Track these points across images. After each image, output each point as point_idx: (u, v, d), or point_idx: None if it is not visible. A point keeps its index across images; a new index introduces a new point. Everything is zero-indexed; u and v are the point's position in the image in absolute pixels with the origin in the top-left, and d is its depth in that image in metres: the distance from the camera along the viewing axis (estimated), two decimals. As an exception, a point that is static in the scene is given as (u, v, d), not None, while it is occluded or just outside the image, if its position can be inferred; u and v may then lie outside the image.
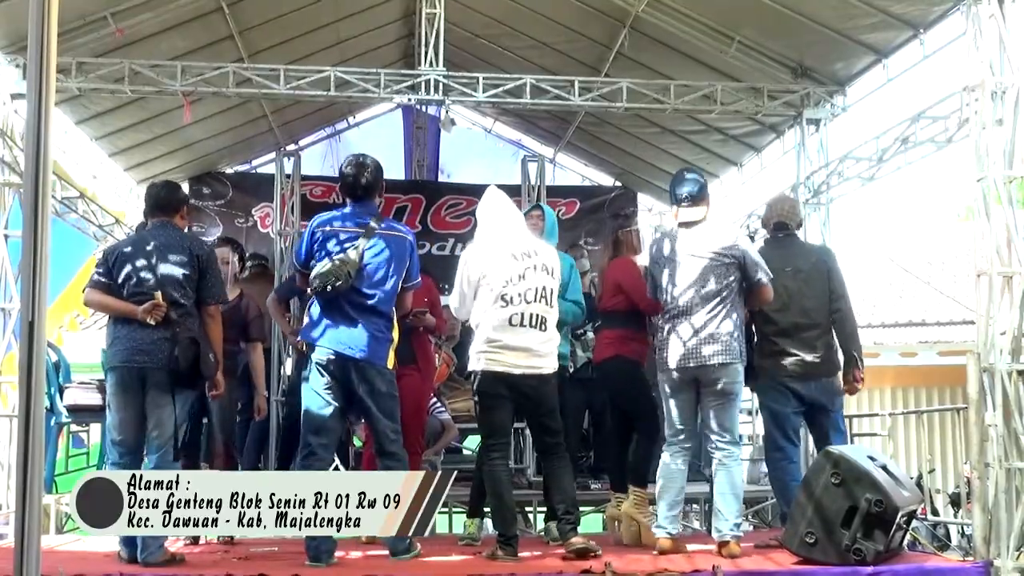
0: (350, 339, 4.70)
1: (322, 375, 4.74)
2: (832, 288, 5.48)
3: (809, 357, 5.35)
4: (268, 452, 7.53)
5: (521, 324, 4.79)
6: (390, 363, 4.82)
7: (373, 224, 4.82)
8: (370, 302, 4.73)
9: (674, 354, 4.97)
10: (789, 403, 5.37)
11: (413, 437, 5.38)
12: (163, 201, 5.01)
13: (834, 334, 5.49)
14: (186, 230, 5.16)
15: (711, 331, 4.90)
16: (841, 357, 5.49)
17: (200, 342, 4.71)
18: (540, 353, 4.84)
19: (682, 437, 5.06)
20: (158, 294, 4.63)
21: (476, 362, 4.87)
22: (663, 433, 5.29)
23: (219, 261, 5.71)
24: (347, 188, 4.98)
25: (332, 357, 4.71)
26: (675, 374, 4.98)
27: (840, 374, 5.49)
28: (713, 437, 4.97)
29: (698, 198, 5.15)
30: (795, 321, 5.37)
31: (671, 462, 5.05)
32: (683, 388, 5.00)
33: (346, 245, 4.73)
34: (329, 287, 4.63)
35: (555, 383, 5.01)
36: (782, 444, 5.37)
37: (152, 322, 4.60)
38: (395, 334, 4.89)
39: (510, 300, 4.79)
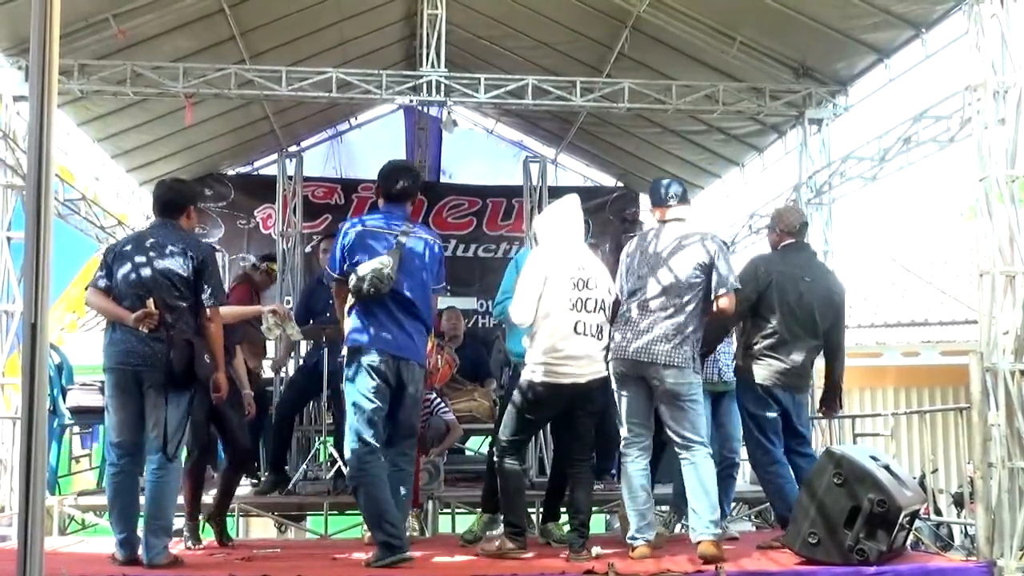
0: (399, 340, 4.75)
1: (373, 378, 4.71)
2: (837, 319, 5.46)
3: (796, 369, 5.29)
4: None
5: (585, 333, 4.82)
6: (428, 364, 5.04)
7: (406, 227, 4.86)
8: (411, 304, 4.79)
9: (627, 344, 4.83)
10: (769, 406, 5.29)
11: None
12: (164, 202, 4.93)
13: (823, 358, 5.49)
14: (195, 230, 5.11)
15: (668, 330, 4.78)
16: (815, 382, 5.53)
17: (195, 343, 4.67)
18: (598, 359, 4.87)
19: (639, 434, 4.92)
20: (150, 302, 4.57)
21: (536, 373, 4.83)
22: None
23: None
24: (383, 189, 4.99)
25: (384, 359, 4.72)
26: (622, 366, 4.86)
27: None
28: (674, 438, 4.86)
29: (684, 198, 5.14)
30: (794, 329, 5.28)
31: (632, 469, 4.88)
32: (632, 382, 4.86)
33: (383, 246, 4.75)
34: (372, 289, 4.62)
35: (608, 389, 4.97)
36: (767, 447, 5.29)
37: (145, 330, 4.55)
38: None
39: (575, 305, 4.82)
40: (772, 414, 5.29)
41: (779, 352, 5.26)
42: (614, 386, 4.94)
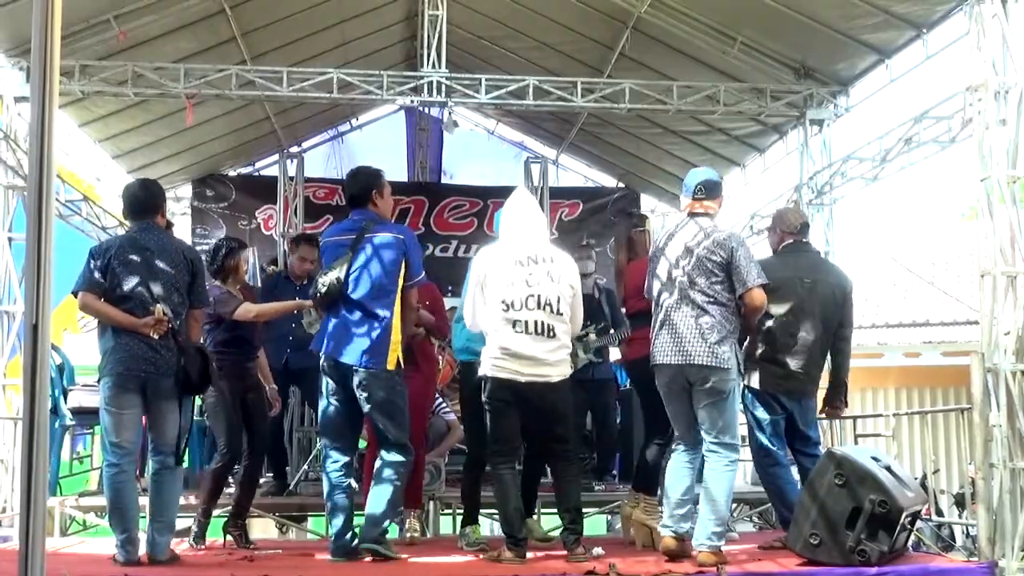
0: (343, 345, 4.80)
1: (328, 380, 4.91)
2: (844, 317, 5.37)
3: (797, 373, 5.23)
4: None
5: (525, 331, 4.74)
6: (390, 365, 4.80)
7: (364, 229, 4.90)
8: (361, 305, 4.82)
9: (666, 347, 4.78)
10: (772, 409, 5.27)
11: (416, 440, 5.39)
12: (144, 203, 4.89)
13: (829, 358, 5.41)
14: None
15: (704, 328, 4.69)
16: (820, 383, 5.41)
17: (205, 352, 4.77)
18: (547, 361, 4.77)
19: (686, 437, 4.89)
20: (158, 308, 4.59)
21: (484, 367, 4.85)
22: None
23: (244, 262, 5.77)
24: (345, 199, 5.30)
25: (331, 364, 4.85)
26: (666, 371, 4.80)
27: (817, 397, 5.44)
28: (706, 438, 4.77)
29: (712, 192, 4.96)
30: (795, 333, 5.22)
31: (676, 460, 4.91)
32: (675, 386, 4.80)
33: (337, 255, 4.88)
34: (319, 295, 4.82)
35: (566, 390, 4.93)
36: (769, 448, 5.27)
37: (155, 336, 4.59)
38: (395, 336, 4.83)
39: (511, 305, 4.76)
40: (774, 417, 5.27)
41: (778, 358, 5.22)
42: (662, 389, 4.85)
